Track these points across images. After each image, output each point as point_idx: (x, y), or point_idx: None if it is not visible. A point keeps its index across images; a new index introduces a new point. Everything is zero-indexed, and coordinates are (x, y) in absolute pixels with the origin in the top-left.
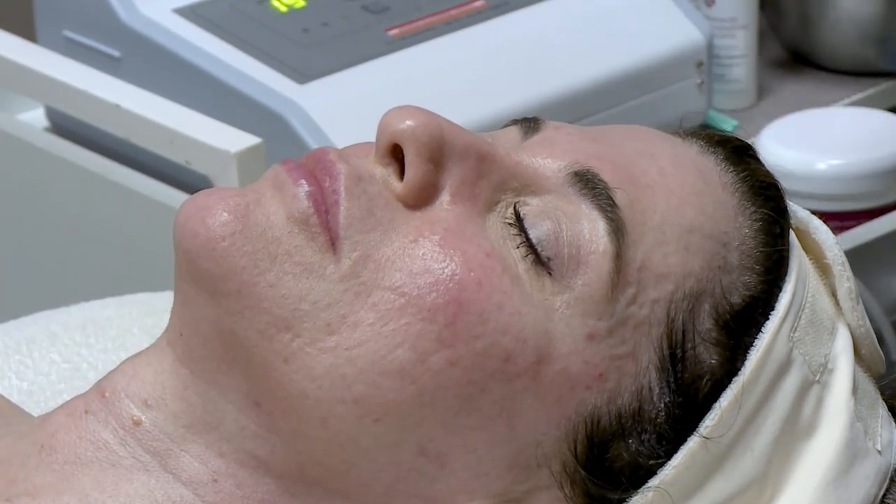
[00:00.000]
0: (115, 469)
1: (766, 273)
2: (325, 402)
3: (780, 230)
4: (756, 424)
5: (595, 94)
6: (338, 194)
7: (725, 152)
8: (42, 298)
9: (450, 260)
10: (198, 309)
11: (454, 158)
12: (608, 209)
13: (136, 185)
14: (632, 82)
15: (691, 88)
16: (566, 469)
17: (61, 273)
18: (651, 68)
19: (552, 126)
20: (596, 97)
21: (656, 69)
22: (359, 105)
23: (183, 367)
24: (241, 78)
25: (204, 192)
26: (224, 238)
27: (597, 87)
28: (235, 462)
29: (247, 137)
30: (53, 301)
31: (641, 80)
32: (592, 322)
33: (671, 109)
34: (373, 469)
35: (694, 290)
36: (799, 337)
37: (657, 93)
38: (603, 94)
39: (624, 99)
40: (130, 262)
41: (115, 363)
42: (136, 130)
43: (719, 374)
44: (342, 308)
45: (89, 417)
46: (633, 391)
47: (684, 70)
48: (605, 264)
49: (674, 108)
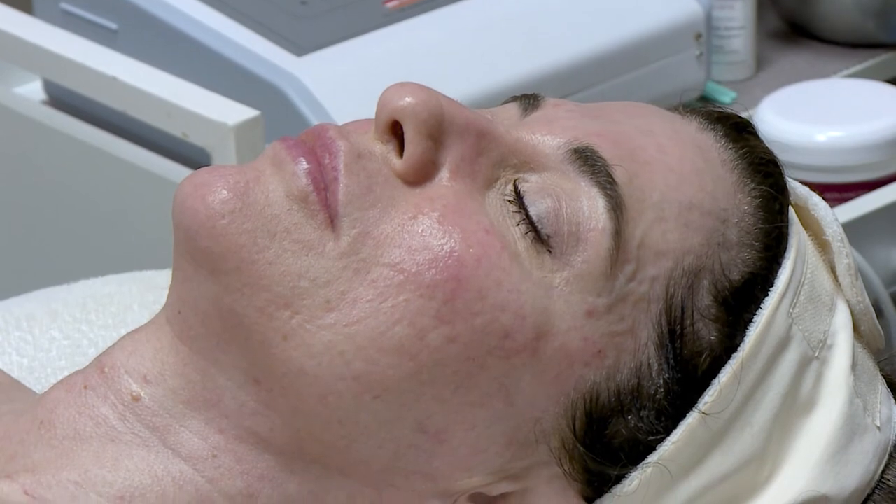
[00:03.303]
0: (114, 444)
1: (766, 249)
2: (324, 379)
3: (780, 206)
4: (755, 400)
5: (594, 66)
6: (337, 171)
7: (725, 129)
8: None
9: (449, 237)
10: (197, 286)
11: (454, 135)
12: (607, 186)
13: (134, 158)
14: (630, 54)
15: (690, 60)
16: (565, 445)
17: (60, 249)
18: (650, 40)
19: (552, 103)
20: (595, 69)
21: (655, 41)
22: (357, 78)
23: (182, 343)
24: (238, 50)
25: (203, 170)
26: (223, 216)
27: (595, 59)
28: (235, 438)
29: (245, 110)
30: (52, 277)
31: (640, 52)
32: (591, 299)
33: (670, 82)
34: (371, 446)
35: (693, 266)
36: (798, 313)
37: (656, 65)
38: (601, 66)
39: (622, 71)
40: (129, 236)
41: (116, 340)
42: (133, 103)
43: (718, 351)
44: (341, 285)
45: (88, 393)
46: (632, 368)
47: (683, 42)
48: (604, 241)
49: (672, 80)
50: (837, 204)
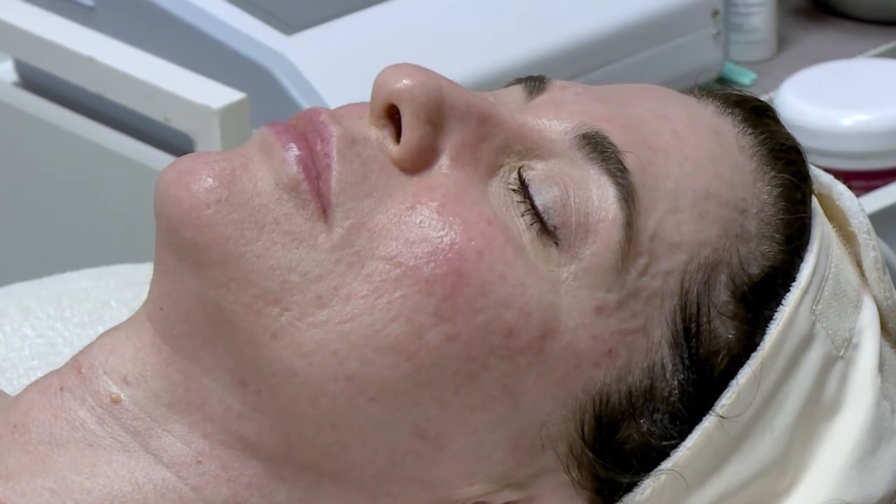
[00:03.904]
0: (92, 449)
1: (787, 242)
2: (316, 379)
3: (802, 196)
4: (776, 403)
5: (602, 45)
6: (330, 158)
7: (743, 113)
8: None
9: (449, 228)
10: (180, 281)
11: (454, 120)
12: (618, 174)
13: (112, 143)
14: (642, 33)
15: (706, 39)
16: (573, 451)
17: (32, 241)
18: (663, 17)
19: (559, 85)
20: (603, 49)
21: (669, 18)
22: (350, 57)
23: (164, 342)
24: (223, 28)
25: (187, 157)
26: (209, 205)
27: (605, 38)
28: (220, 443)
29: (230, 93)
30: (24, 271)
31: (653, 31)
32: (601, 294)
33: (685, 62)
34: (366, 451)
35: (709, 260)
36: (822, 310)
37: (670, 44)
38: (611, 45)
39: (634, 51)
40: (107, 228)
41: (92, 338)
42: (111, 85)
43: (737, 350)
44: (334, 280)
45: (65, 395)
46: (645, 368)
47: (699, 19)
48: (614, 233)
49: (688, 60)
50: (864, 193)
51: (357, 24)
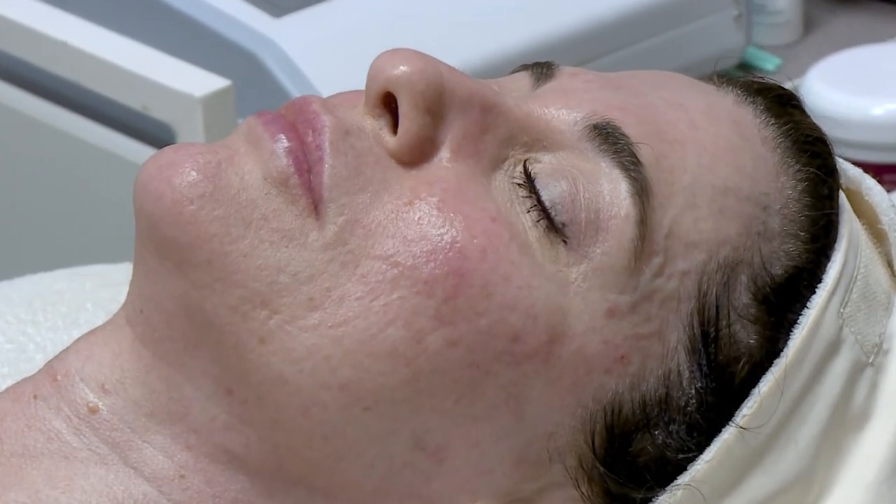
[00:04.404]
0: (68, 462)
1: (812, 240)
2: (307, 388)
3: (829, 191)
4: (801, 413)
5: (614, 28)
6: (322, 150)
7: (766, 102)
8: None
9: (450, 225)
10: (161, 282)
11: (455, 109)
12: (631, 167)
13: (87, 134)
14: (657, 14)
15: (727, 22)
16: (583, 465)
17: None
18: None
19: (568, 72)
20: (615, 32)
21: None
22: (343, 42)
23: (144, 347)
24: (206, 10)
25: (169, 149)
26: (192, 201)
27: (616, 20)
28: (205, 456)
29: (214, 80)
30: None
31: (668, 12)
32: (613, 296)
33: (704, 46)
34: (361, 465)
35: (729, 259)
36: (850, 313)
37: (687, 27)
38: (624, 28)
39: (648, 34)
40: (82, 226)
41: (66, 343)
42: (85, 71)
43: (758, 356)
44: (326, 280)
45: (39, 403)
46: (660, 375)
47: (719, 0)
48: (627, 230)
49: (707, 44)
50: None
51: (351, 5)
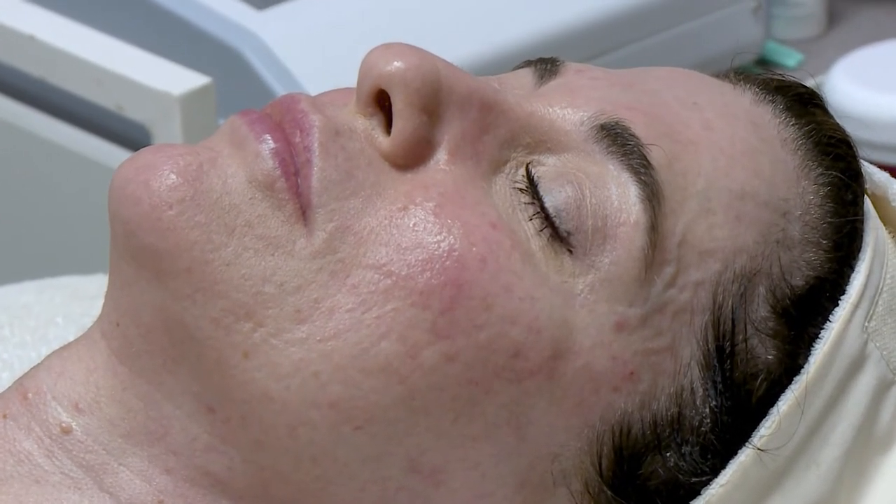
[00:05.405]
0: (39, 486)
1: (835, 249)
2: (294, 406)
3: (853, 196)
4: (822, 434)
5: (624, 22)
6: (310, 152)
7: (786, 101)
8: None
9: (447, 232)
10: (139, 293)
11: (453, 108)
12: (641, 171)
13: (57, 135)
14: (670, 6)
15: (745, 14)
16: (589, 489)
17: None
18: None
19: (574, 69)
20: (625, 26)
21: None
22: (331, 36)
23: (120, 363)
24: (184, 2)
25: (146, 150)
26: (171, 206)
27: (626, 13)
28: (185, 480)
29: (192, 77)
30: None
31: (682, 4)
32: (622, 309)
33: (720, 40)
34: (353, 488)
35: (746, 269)
36: (875, 327)
37: (702, 20)
38: (634, 21)
39: (660, 28)
40: (52, 234)
41: (36, 361)
42: (55, 68)
43: (777, 373)
44: (315, 291)
45: (8, 423)
46: (672, 393)
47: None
48: (637, 238)
49: (724, 38)
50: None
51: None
